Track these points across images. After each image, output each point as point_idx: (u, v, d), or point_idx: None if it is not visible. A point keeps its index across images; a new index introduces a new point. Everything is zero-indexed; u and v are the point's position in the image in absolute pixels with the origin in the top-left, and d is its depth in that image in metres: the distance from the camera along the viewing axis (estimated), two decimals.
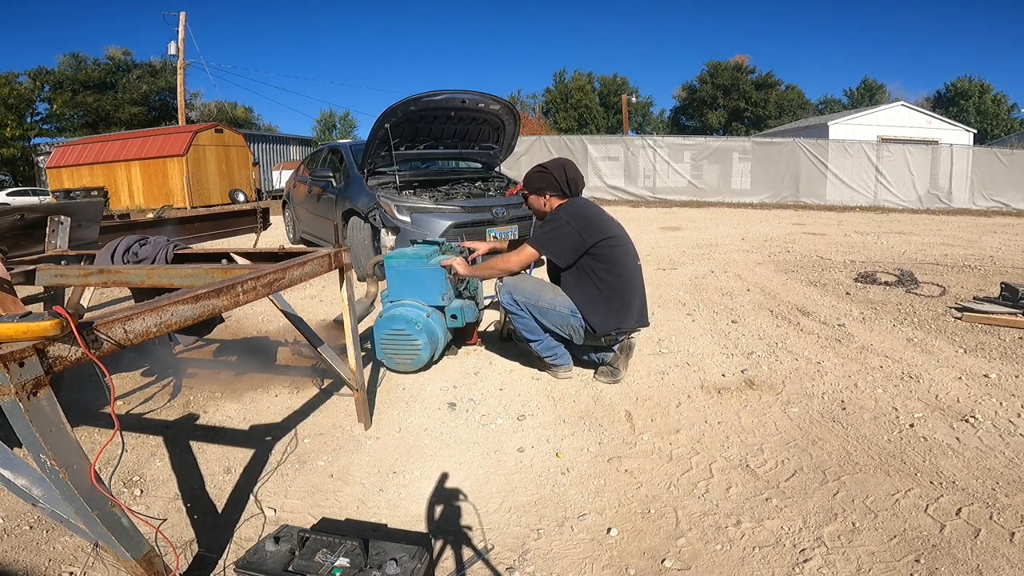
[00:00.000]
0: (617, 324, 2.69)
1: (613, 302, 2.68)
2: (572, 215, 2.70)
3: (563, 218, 2.70)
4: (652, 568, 1.56)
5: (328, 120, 43.43)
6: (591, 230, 2.67)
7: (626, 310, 2.70)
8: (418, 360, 2.89)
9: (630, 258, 2.77)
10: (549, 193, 2.83)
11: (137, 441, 2.30)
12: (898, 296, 4.55)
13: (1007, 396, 2.58)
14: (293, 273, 1.88)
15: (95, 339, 1.16)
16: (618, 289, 2.69)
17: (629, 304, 2.71)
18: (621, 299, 2.69)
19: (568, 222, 2.67)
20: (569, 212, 2.72)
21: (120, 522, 1.22)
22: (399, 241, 4.69)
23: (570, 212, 2.72)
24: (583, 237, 2.65)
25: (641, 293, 2.81)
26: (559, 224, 2.69)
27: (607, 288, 2.67)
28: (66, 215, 2.77)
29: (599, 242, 2.66)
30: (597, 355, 2.90)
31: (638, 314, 2.77)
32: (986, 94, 40.09)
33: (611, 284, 2.68)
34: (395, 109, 5.04)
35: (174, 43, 22.55)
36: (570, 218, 2.69)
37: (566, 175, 2.79)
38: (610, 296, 2.68)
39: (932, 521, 1.70)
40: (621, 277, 2.70)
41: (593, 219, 2.72)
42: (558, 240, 2.68)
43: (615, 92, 42.81)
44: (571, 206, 2.76)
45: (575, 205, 2.77)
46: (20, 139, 29.81)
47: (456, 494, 1.93)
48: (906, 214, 13.55)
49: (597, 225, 2.70)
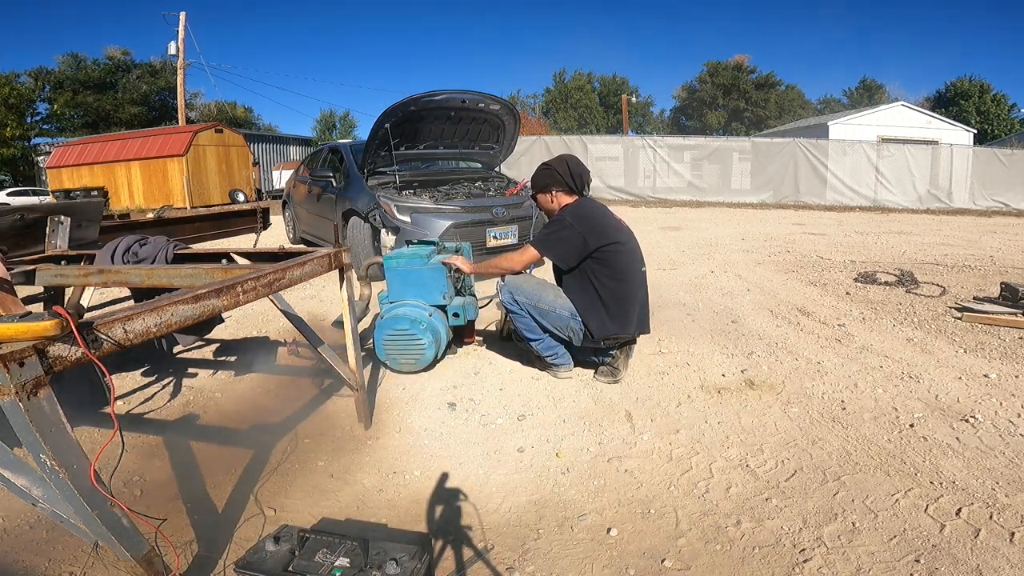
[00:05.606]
0: (616, 331, 2.66)
1: (613, 308, 2.64)
2: (577, 217, 2.65)
3: (568, 220, 2.65)
4: (652, 568, 1.56)
5: (328, 120, 43.45)
6: (595, 234, 2.62)
7: (626, 317, 2.67)
8: (423, 360, 2.88)
9: (635, 263, 2.72)
10: (555, 189, 2.78)
11: (137, 441, 2.30)
12: (898, 296, 4.55)
13: (1007, 396, 2.58)
14: (293, 273, 1.88)
15: (95, 339, 1.16)
16: (620, 295, 2.64)
17: (630, 311, 2.68)
18: (622, 305, 2.65)
19: (572, 224, 2.62)
20: (575, 214, 2.66)
21: (120, 522, 1.22)
22: (399, 241, 4.69)
23: (576, 214, 2.66)
24: (587, 241, 2.60)
25: (643, 300, 2.78)
26: (563, 226, 2.64)
27: (608, 294, 2.63)
28: (66, 215, 2.77)
29: (604, 247, 2.61)
30: (597, 356, 2.89)
31: (639, 321, 2.74)
32: (986, 94, 40.04)
33: (612, 290, 2.63)
34: (395, 109, 5.04)
35: (174, 43, 22.57)
36: (575, 220, 2.64)
37: (569, 170, 2.75)
38: (611, 302, 2.63)
39: (932, 521, 1.70)
40: (624, 283, 2.65)
41: (598, 222, 2.67)
42: (562, 242, 2.63)
43: (615, 92, 42.86)
44: (577, 208, 2.71)
45: (581, 207, 2.72)
46: (20, 139, 29.86)
47: (456, 494, 1.93)
48: (906, 214, 13.54)
49: (602, 229, 2.65)
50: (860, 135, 20.55)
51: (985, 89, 40.15)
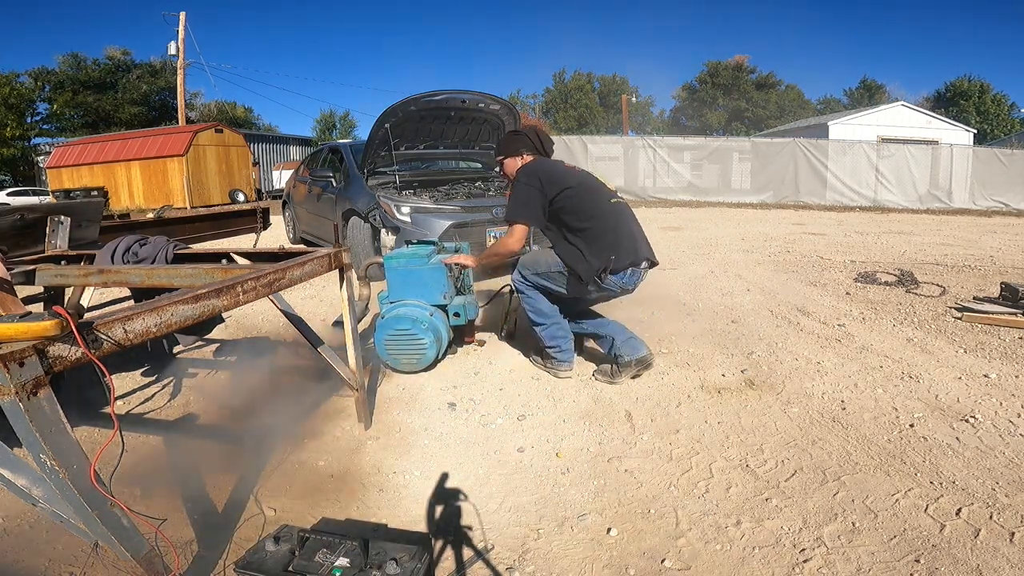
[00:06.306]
0: (601, 265, 2.60)
1: (593, 247, 2.63)
2: (528, 174, 2.72)
3: (522, 180, 2.72)
4: (652, 568, 1.56)
5: (328, 120, 43.42)
6: (548, 184, 2.66)
7: (610, 251, 2.62)
8: (424, 359, 2.88)
9: (599, 200, 2.71)
10: (525, 152, 2.85)
11: (137, 441, 2.30)
12: (898, 296, 4.55)
13: (1007, 396, 2.58)
14: (293, 273, 1.88)
15: (95, 339, 1.16)
16: (594, 234, 2.63)
17: (613, 244, 2.63)
18: (600, 243, 2.63)
19: (526, 182, 2.69)
20: (525, 172, 2.74)
21: (120, 522, 1.22)
22: (399, 241, 4.69)
23: (526, 172, 2.74)
24: (544, 192, 2.65)
25: (628, 230, 2.72)
26: (520, 188, 2.71)
27: (581, 237, 2.64)
28: (66, 215, 2.77)
29: (557, 196, 2.65)
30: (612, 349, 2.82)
31: (630, 250, 2.67)
32: (986, 94, 40.03)
33: (584, 232, 2.64)
34: (395, 109, 5.04)
35: (174, 43, 22.59)
36: (527, 177, 2.70)
37: (539, 136, 2.87)
38: (587, 243, 2.63)
39: (932, 521, 1.70)
40: (594, 220, 2.65)
41: (547, 173, 2.71)
42: (527, 203, 2.68)
43: (615, 92, 42.85)
44: (527, 167, 2.78)
45: (530, 165, 2.80)
46: (20, 139, 29.85)
47: (456, 494, 1.93)
48: (906, 214, 13.54)
49: (551, 179, 2.68)
50: (860, 135, 20.55)
51: (985, 89, 40.15)
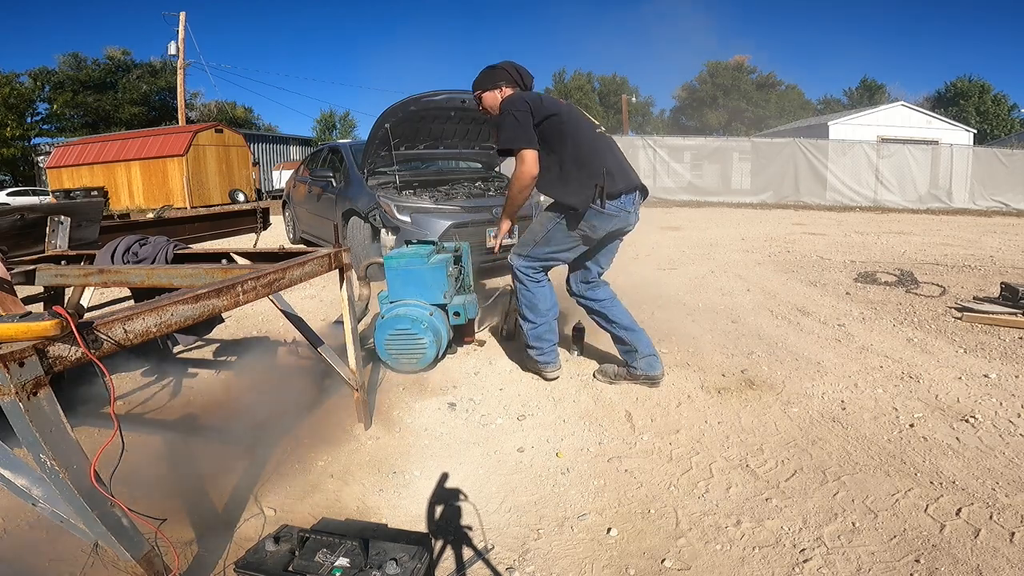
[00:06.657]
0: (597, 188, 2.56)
1: (583, 171, 2.60)
2: (513, 103, 2.66)
3: (508, 109, 2.66)
4: (652, 568, 1.56)
5: (328, 120, 43.36)
6: (537, 109, 2.63)
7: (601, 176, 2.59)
8: (424, 359, 2.88)
9: (583, 129, 2.69)
10: (504, 85, 2.80)
11: (137, 441, 2.30)
12: (898, 296, 4.55)
13: (1007, 396, 2.58)
14: (293, 273, 1.88)
15: (95, 339, 1.16)
16: (583, 159, 2.62)
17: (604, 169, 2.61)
18: (590, 167, 2.61)
19: (512, 112, 2.63)
20: (511, 101, 2.69)
21: (120, 522, 1.22)
22: (399, 241, 4.69)
23: (512, 100, 2.68)
24: (533, 114, 2.61)
25: (616, 158, 2.71)
26: (506, 116, 2.64)
27: (570, 161, 2.61)
28: (66, 215, 2.77)
29: (543, 122, 2.61)
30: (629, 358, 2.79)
31: (622, 174, 2.66)
32: (986, 94, 40.03)
33: (573, 156, 2.61)
34: (395, 109, 5.03)
35: (174, 43, 22.59)
36: (512, 107, 2.65)
37: (517, 70, 2.82)
38: (580, 167, 2.60)
39: (932, 521, 1.70)
40: (581, 146, 2.63)
41: (535, 99, 2.68)
42: (518, 128, 2.61)
43: (615, 92, 42.84)
44: (512, 96, 2.73)
45: (514, 94, 2.74)
46: (20, 139, 29.87)
47: (456, 494, 1.93)
48: (906, 214, 13.54)
49: (540, 106, 2.65)
50: (860, 135, 20.55)
51: (985, 89, 40.15)
